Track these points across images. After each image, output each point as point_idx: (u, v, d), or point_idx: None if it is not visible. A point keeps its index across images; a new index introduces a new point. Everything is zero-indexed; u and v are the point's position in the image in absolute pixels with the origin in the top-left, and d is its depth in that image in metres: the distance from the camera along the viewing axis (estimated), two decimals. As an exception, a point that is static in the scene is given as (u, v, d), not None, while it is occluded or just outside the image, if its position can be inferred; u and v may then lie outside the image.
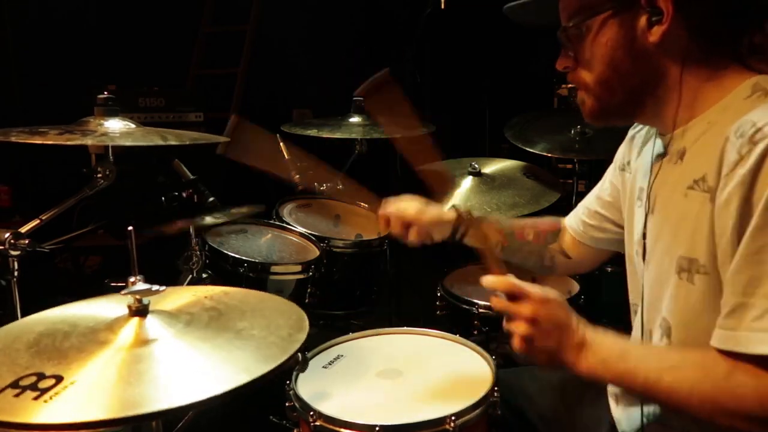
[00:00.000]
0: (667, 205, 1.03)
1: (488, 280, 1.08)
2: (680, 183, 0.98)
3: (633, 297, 1.19)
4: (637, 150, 1.22)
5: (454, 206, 1.46)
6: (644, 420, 1.09)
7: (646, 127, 1.20)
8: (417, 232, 1.44)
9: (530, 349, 1.02)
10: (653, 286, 1.07)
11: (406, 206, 1.45)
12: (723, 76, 0.97)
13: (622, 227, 1.27)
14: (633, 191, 1.18)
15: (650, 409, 1.08)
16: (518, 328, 1.02)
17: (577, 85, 1.09)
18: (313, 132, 2.21)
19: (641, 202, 1.12)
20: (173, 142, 1.43)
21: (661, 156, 1.07)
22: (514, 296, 1.05)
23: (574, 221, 1.45)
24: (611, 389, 1.25)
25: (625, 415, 1.17)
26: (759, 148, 0.84)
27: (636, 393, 0.96)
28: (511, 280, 1.07)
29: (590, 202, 1.41)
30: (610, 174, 1.36)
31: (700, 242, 0.92)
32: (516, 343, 1.03)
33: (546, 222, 1.50)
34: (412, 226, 1.44)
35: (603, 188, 1.37)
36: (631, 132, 1.29)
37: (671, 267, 0.99)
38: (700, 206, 0.92)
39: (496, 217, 1.54)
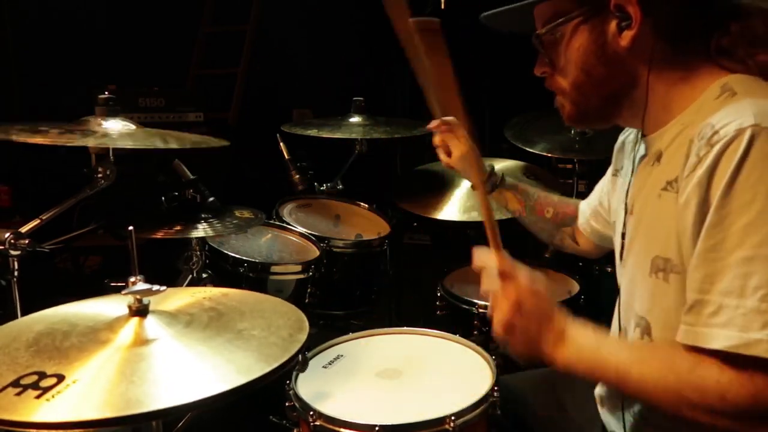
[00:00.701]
0: (645, 206, 1.05)
1: (484, 255, 1.07)
2: (656, 185, 1.00)
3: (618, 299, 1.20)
4: (626, 153, 1.24)
5: (491, 165, 1.57)
6: (626, 422, 1.10)
7: (635, 131, 1.21)
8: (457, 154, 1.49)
9: (510, 335, 1.01)
10: (629, 285, 1.09)
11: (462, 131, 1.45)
12: (696, 76, 0.99)
13: None
14: (620, 194, 1.20)
15: (634, 409, 1.09)
16: (502, 311, 1.01)
17: (555, 90, 1.12)
18: (313, 132, 2.21)
19: (622, 203, 1.14)
20: (173, 146, 1.43)
21: (642, 158, 1.09)
22: (504, 275, 1.03)
23: (581, 216, 1.48)
24: (597, 391, 1.25)
25: (611, 417, 1.18)
26: (715, 150, 0.86)
27: (609, 385, 0.97)
28: (505, 258, 1.06)
29: (593, 200, 1.43)
30: (606, 178, 1.38)
31: (672, 242, 0.94)
32: (497, 327, 1.02)
33: (569, 206, 1.53)
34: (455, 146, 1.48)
35: (601, 191, 1.40)
36: (621, 137, 1.31)
37: (646, 267, 1.00)
38: (671, 207, 0.93)
39: (525, 186, 1.56)
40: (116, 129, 1.51)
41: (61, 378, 0.85)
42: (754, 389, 0.83)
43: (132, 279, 0.99)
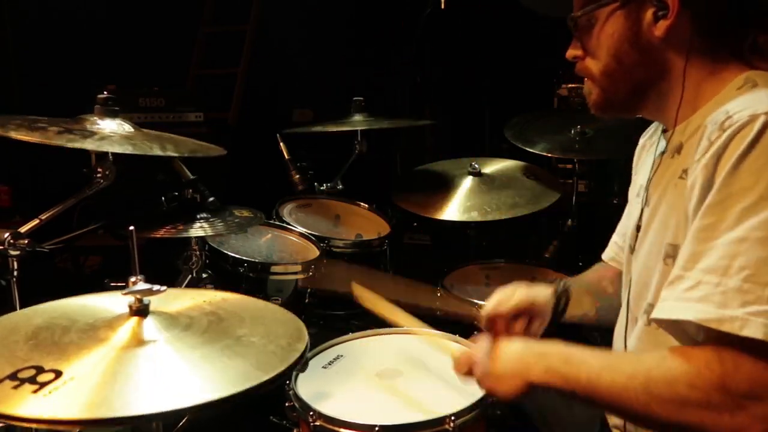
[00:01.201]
0: (662, 196, 1.04)
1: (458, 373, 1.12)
2: (674, 175, 1.00)
3: (623, 293, 1.20)
4: (645, 155, 1.24)
5: (551, 281, 1.37)
6: None
7: (655, 134, 1.21)
8: (533, 319, 1.32)
9: (491, 383, 1.03)
10: (641, 275, 1.08)
11: (508, 296, 1.31)
12: (723, 72, 0.98)
13: None
14: (634, 190, 1.19)
15: None
16: (475, 372, 1.07)
17: (584, 75, 1.10)
18: (318, 128, 2.20)
19: (639, 197, 1.13)
20: (172, 154, 1.43)
21: (662, 153, 1.09)
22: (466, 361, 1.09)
23: (609, 251, 1.42)
24: None
25: None
26: (726, 134, 0.86)
27: (581, 398, 0.94)
28: (457, 361, 1.11)
29: (619, 228, 1.39)
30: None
31: (681, 228, 0.94)
32: (482, 386, 1.07)
33: (606, 269, 1.42)
34: (522, 316, 1.31)
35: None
36: (641, 141, 1.30)
37: (659, 255, 1.00)
38: (683, 193, 0.93)
39: (570, 281, 1.40)
40: (113, 131, 1.50)
41: (58, 374, 0.85)
42: (721, 371, 0.82)
43: (132, 279, 0.99)
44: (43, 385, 0.83)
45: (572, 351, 0.97)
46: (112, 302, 1.07)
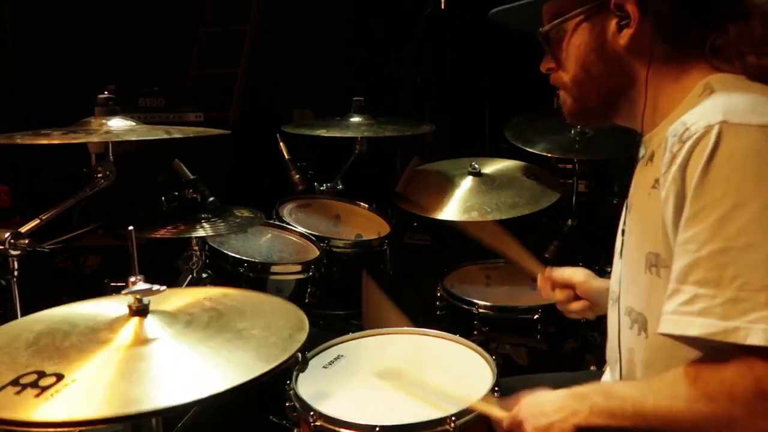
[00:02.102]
0: (639, 204, 1.07)
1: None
2: (648, 183, 1.02)
3: (612, 290, 1.21)
4: None
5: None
6: None
7: None
8: (582, 299, 1.43)
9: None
10: (625, 281, 1.10)
11: (572, 272, 1.45)
12: (687, 76, 1.01)
13: None
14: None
15: None
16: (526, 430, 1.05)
17: (558, 85, 1.14)
18: (322, 132, 2.20)
19: (626, 202, 1.15)
20: (177, 135, 1.43)
21: (641, 158, 1.11)
22: (512, 422, 1.09)
23: None
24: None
25: None
26: (686, 147, 0.88)
27: (632, 428, 0.95)
28: (503, 422, 1.11)
29: None
30: None
31: (660, 237, 0.96)
32: None
33: None
34: (576, 293, 1.44)
35: None
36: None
37: (641, 263, 1.02)
38: (657, 203, 0.95)
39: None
40: (119, 126, 1.51)
41: (60, 377, 0.85)
42: (755, 379, 0.83)
43: (132, 279, 0.99)
44: (44, 389, 0.83)
45: (609, 386, 1.02)
46: (112, 304, 1.07)
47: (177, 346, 0.95)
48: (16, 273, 1.34)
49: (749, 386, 0.83)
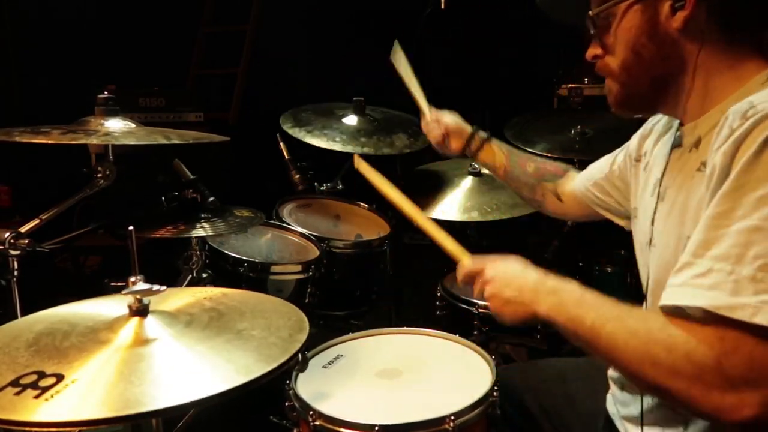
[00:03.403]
0: (679, 191, 1.04)
1: (459, 269, 1.22)
2: (692, 168, 0.99)
3: (644, 286, 1.19)
4: (652, 142, 1.22)
5: (474, 126, 1.69)
6: (643, 402, 1.10)
7: (665, 119, 1.21)
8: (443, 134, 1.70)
9: (499, 305, 1.10)
10: (659, 270, 1.08)
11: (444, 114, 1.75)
12: (743, 66, 0.97)
13: (621, 205, 1.37)
14: (647, 184, 1.18)
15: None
16: (485, 290, 1.13)
17: (604, 73, 1.10)
18: (317, 142, 2.20)
19: (654, 192, 1.13)
20: (177, 141, 1.43)
21: (677, 147, 1.08)
22: (475, 266, 1.19)
23: (580, 180, 1.52)
24: (610, 373, 1.26)
25: (630, 395, 1.17)
26: (748, 123, 0.85)
27: (581, 342, 0.96)
28: (466, 266, 1.22)
29: (599, 172, 1.44)
30: (621, 158, 1.38)
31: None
32: (490, 305, 1.13)
33: (551, 165, 1.63)
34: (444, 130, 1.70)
35: (612, 168, 1.40)
36: (649, 124, 1.28)
37: (678, 248, 0.99)
38: (701, 185, 0.93)
39: (507, 147, 1.69)
40: (117, 128, 1.51)
41: (60, 377, 0.85)
42: (720, 350, 0.82)
43: (132, 279, 0.99)
44: (44, 389, 0.83)
45: (586, 295, 0.99)
46: (112, 305, 1.07)
47: (177, 347, 0.95)
48: (16, 273, 1.34)
49: (712, 354, 0.82)
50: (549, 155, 2.23)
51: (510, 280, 1.10)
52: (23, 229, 1.35)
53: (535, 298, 1.03)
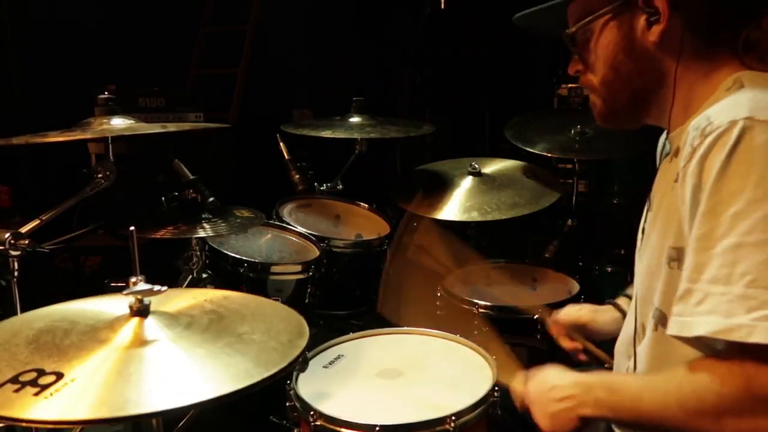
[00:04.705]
0: (662, 200, 1.05)
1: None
2: (671, 178, 1.00)
3: (635, 288, 1.20)
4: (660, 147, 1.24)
5: (610, 302, 1.47)
6: None
7: None
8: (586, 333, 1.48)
9: (547, 425, 1.07)
10: (645, 279, 1.09)
11: (576, 313, 1.50)
12: (718, 73, 0.99)
13: None
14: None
15: None
16: (533, 414, 1.09)
17: (587, 87, 1.12)
18: (327, 133, 2.20)
19: (648, 200, 1.14)
20: (172, 129, 1.43)
21: (667, 155, 1.09)
22: (522, 398, 1.14)
23: None
24: None
25: None
26: (707, 142, 0.86)
27: (628, 423, 0.99)
28: (516, 392, 1.17)
29: None
30: None
31: (681, 232, 0.94)
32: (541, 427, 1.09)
33: None
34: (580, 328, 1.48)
35: None
36: (661, 140, 1.30)
37: (662, 258, 1.00)
38: (679, 197, 0.94)
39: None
40: (118, 124, 1.51)
41: (59, 376, 0.85)
42: (746, 377, 0.82)
43: (133, 279, 0.99)
44: (44, 387, 0.83)
45: (612, 378, 1.04)
46: (113, 304, 1.07)
47: (176, 349, 0.95)
48: (16, 273, 1.34)
49: (739, 383, 0.83)
50: (549, 155, 2.24)
51: (548, 393, 1.07)
52: (23, 230, 1.35)
53: (577, 404, 1.02)
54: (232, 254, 1.89)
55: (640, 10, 0.99)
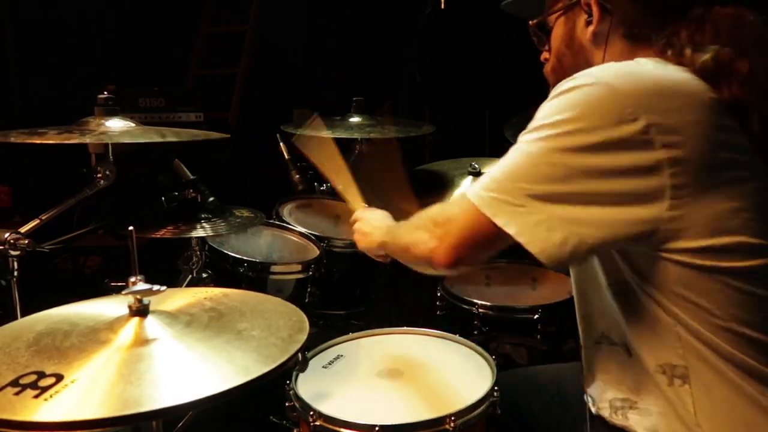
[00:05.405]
0: None
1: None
2: None
3: None
4: None
5: None
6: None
7: None
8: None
9: (357, 237, 1.45)
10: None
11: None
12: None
13: None
14: None
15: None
16: (354, 227, 1.50)
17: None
18: (327, 133, 2.19)
19: None
20: (171, 139, 1.43)
21: None
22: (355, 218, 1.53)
23: None
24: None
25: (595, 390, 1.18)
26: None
27: (393, 252, 1.27)
28: (354, 214, 1.55)
29: None
30: None
31: None
32: (353, 237, 1.48)
33: None
34: None
35: None
36: None
37: None
38: None
39: None
40: (116, 127, 1.51)
41: (59, 378, 0.85)
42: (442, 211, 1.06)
43: (132, 279, 0.99)
44: (44, 389, 0.83)
45: (395, 229, 1.28)
46: (113, 305, 1.07)
47: (177, 347, 0.95)
48: (16, 273, 1.34)
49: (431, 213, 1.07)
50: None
51: (367, 221, 1.43)
52: (23, 230, 1.35)
53: (376, 233, 1.37)
54: (232, 254, 1.89)
55: (582, 10, 1.10)
